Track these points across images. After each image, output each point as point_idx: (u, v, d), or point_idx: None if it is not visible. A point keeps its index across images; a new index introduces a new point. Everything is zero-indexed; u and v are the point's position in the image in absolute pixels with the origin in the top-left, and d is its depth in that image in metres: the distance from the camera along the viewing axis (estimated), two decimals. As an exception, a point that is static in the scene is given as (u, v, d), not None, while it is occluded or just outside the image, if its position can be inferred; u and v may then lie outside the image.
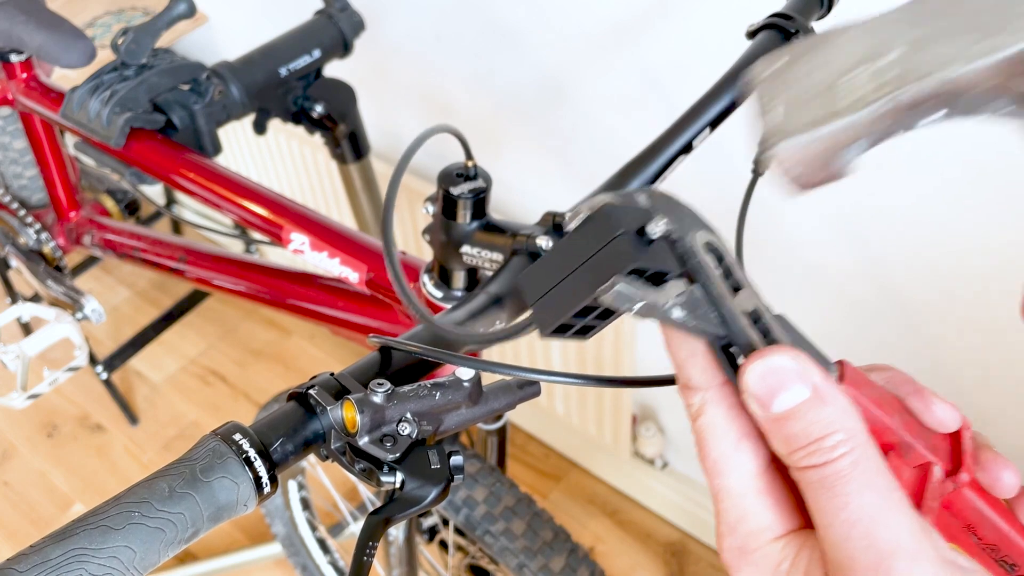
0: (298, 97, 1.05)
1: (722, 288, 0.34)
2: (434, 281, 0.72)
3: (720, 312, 0.33)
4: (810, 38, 0.40)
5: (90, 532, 0.35)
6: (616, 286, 0.32)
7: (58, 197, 1.16)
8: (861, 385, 0.35)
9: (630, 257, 0.32)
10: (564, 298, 0.34)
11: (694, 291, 0.34)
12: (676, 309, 0.33)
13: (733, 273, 0.35)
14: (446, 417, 0.43)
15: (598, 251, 0.33)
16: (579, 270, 0.34)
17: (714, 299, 0.33)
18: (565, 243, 0.34)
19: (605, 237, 0.33)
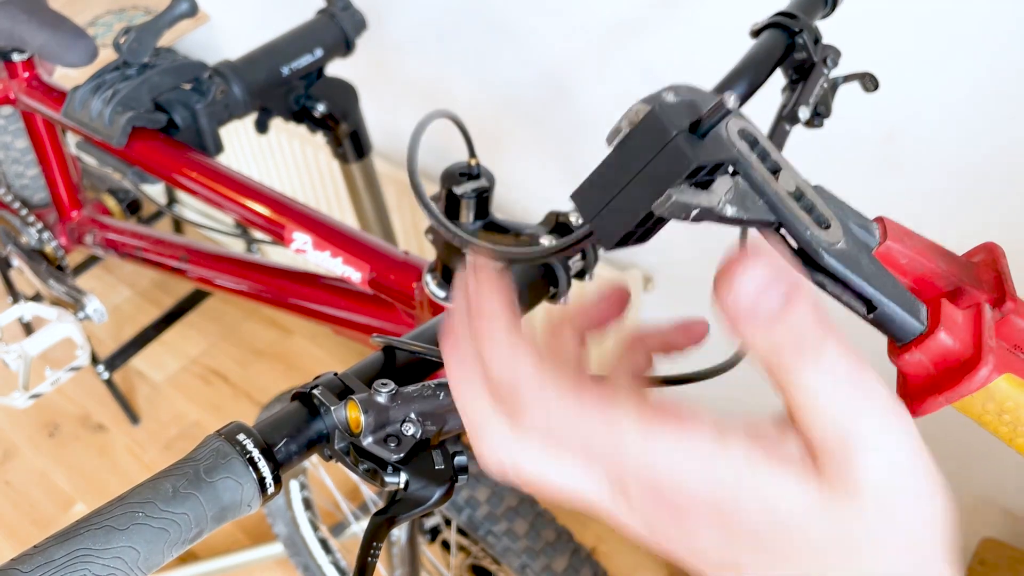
0: (300, 96, 1.05)
1: (765, 173, 0.34)
2: (437, 281, 0.72)
3: (766, 198, 0.33)
4: None
5: (94, 532, 0.35)
6: (672, 197, 0.32)
7: (60, 196, 1.16)
8: (904, 238, 0.36)
9: (687, 160, 0.31)
10: (623, 211, 0.34)
11: (739, 182, 0.33)
12: (728, 206, 0.33)
13: (770, 155, 0.35)
14: (450, 417, 0.43)
15: (652, 158, 0.32)
16: (635, 180, 0.33)
17: (758, 187, 0.33)
18: (616, 154, 0.34)
19: (658, 143, 0.32)
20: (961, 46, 0.82)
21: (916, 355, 0.35)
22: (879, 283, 0.34)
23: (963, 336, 0.34)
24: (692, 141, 0.32)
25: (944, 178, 0.91)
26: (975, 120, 0.86)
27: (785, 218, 0.33)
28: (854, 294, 0.34)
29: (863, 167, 0.96)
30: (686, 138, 0.32)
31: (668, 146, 0.32)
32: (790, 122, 0.68)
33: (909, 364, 0.35)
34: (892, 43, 0.86)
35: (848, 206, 0.37)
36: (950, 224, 0.94)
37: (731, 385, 1.34)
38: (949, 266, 0.37)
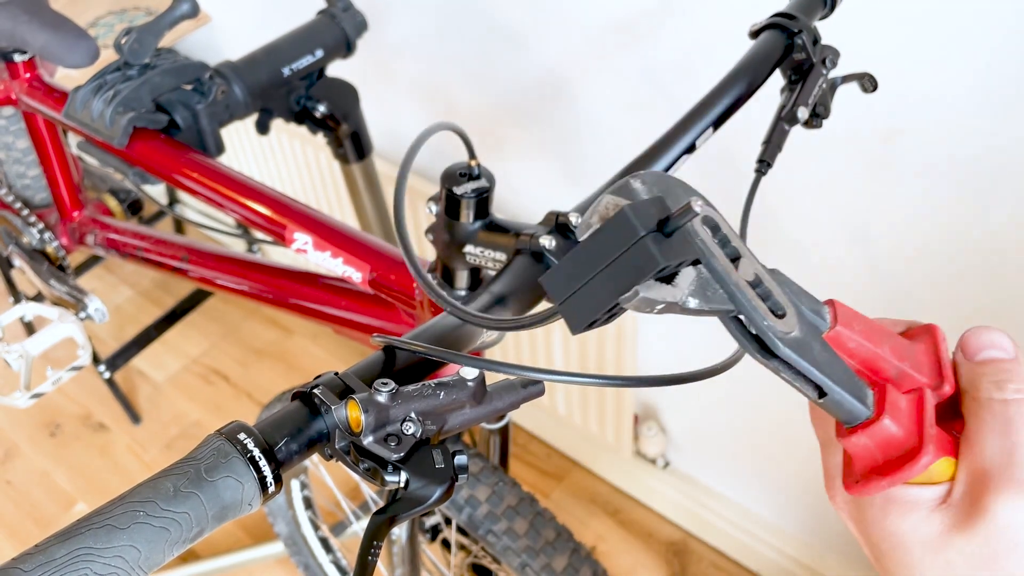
0: (301, 97, 1.05)
1: (726, 264, 0.35)
2: (437, 281, 0.72)
3: (727, 289, 0.35)
4: None
5: (95, 531, 0.36)
6: (639, 294, 0.33)
7: (61, 197, 1.16)
8: (852, 322, 0.38)
9: (654, 261, 0.33)
10: (590, 301, 0.35)
11: (701, 272, 0.35)
12: (690, 299, 0.35)
13: (730, 241, 0.36)
14: (450, 417, 0.43)
15: (621, 255, 0.34)
16: (603, 273, 0.35)
17: (720, 279, 0.35)
18: (586, 246, 0.35)
19: (626, 240, 0.34)
20: (959, 46, 0.83)
21: (862, 439, 0.37)
22: (829, 370, 0.36)
23: (906, 423, 0.37)
24: (659, 241, 0.34)
25: (943, 178, 0.91)
26: (974, 120, 0.86)
27: (744, 308, 0.35)
28: (806, 380, 0.37)
29: (861, 167, 0.97)
30: (654, 239, 0.34)
31: (636, 245, 0.34)
32: (789, 122, 0.68)
33: (855, 446, 0.38)
34: (891, 44, 0.86)
35: (802, 290, 0.38)
36: (950, 224, 0.94)
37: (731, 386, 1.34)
38: (894, 350, 0.39)
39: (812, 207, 1.05)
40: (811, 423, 0.44)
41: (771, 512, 1.47)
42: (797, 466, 1.36)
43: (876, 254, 1.03)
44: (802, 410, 1.38)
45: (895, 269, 1.03)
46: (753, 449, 1.41)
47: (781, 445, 1.35)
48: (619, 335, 1.31)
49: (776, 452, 1.37)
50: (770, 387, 1.27)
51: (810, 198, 1.04)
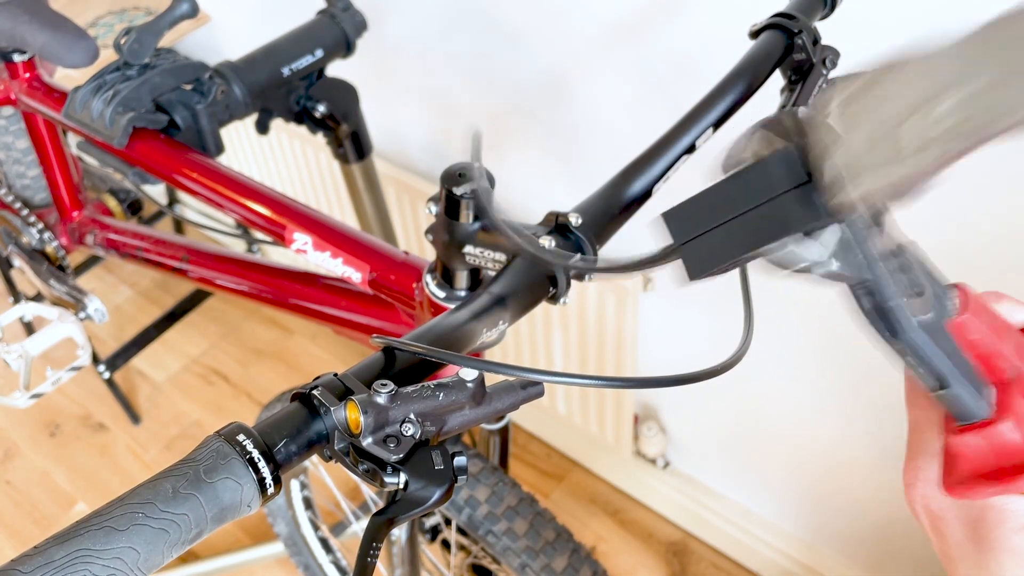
0: (300, 97, 1.05)
1: (867, 228, 0.32)
2: (437, 281, 0.72)
3: (868, 258, 0.31)
4: (886, 61, 0.37)
5: (94, 533, 0.36)
6: (788, 247, 0.30)
7: (61, 197, 1.16)
8: (981, 313, 0.35)
9: (815, 215, 0.29)
10: (718, 246, 0.31)
11: (844, 232, 0.31)
12: (833, 261, 0.31)
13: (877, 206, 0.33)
14: (450, 418, 0.43)
15: (772, 200, 0.30)
16: (740, 219, 0.31)
17: (863, 244, 0.31)
18: (729, 184, 0.31)
19: (783, 185, 0.30)
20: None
21: (976, 439, 0.35)
22: (956, 362, 0.33)
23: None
24: (810, 197, 0.29)
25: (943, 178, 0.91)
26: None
27: (880, 278, 0.31)
28: (929, 368, 0.34)
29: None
30: (806, 193, 0.29)
31: (796, 192, 0.29)
32: (789, 123, 0.68)
33: (966, 446, 0.35)
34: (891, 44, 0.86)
35: (933, 269, 0.35)
36: (949, 224, 0.94)
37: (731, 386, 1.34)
38: (1018, 348, 0.36)
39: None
40: (904, 401, 0.40)
41: (771, 512, 1.47)
42: (797, 466, 1.35)
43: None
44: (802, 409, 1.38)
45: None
46: (753, 449, 1.41)
47: (781, 445, 1.35)
48: (619, 335, 1.31)
49: (776, 452, 1.37)
50: (770, 387, 1.27)
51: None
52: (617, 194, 0.65)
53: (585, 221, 0.63)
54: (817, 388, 1.22)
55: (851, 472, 1.28)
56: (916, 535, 1.28)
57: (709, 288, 1.24)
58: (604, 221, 0.64)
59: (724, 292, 1.22)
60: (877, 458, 1.22)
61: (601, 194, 0.66)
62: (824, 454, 1.29)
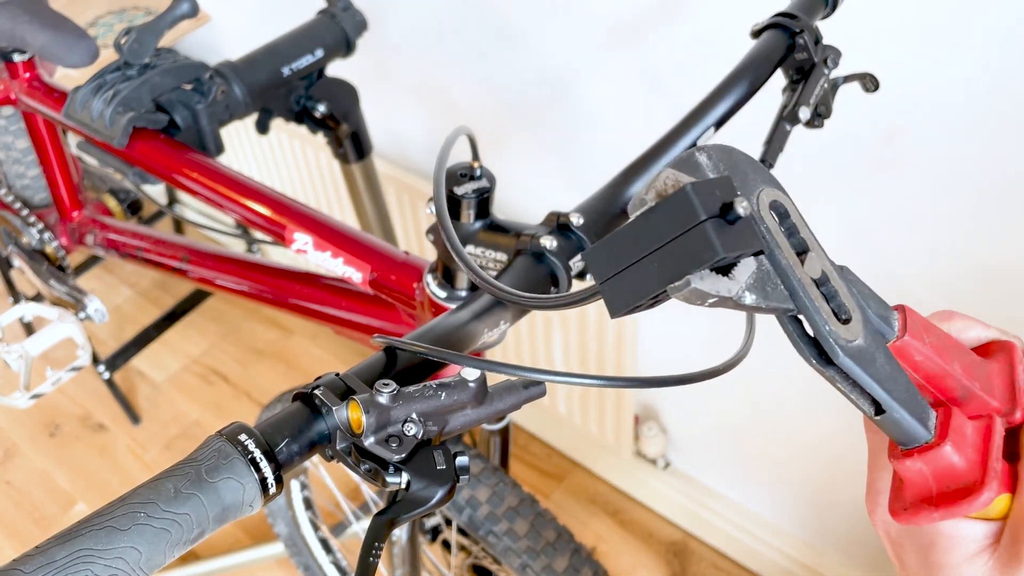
0: (300, 97, 1.05)
1: (792, 258, 0.32)
2: (438, 281, 0.72)
3: (789, 286, 0.31)
4: None
5: (96, 533, 0.35)
6: (691, 284, 0.30)
7: (61, 197, 1.16)
8: (923, 333, 0.35)
9: (712, 251, 0.29)
10: (635, 284, 0.32)
11: (763, 264, 0.31)
12: (747, 294, 0.31)
13: (798, 231, 0.33)
14: (451, 417, 0.43)
15: (676, 237, 0.30)
16: (653, 255, 0.31)
17: (782, 272, 0.32)
18: (637, 224, 0.31)
19: (684, 223, 0.30)
20: (961, 46, 0.83)
21: (918, 463, 0.34)
22: (891, 385, 0.33)
23: (970, 453, 0.34)
24: (721, 228, 0.30)
25: (943, 178, 0.91)
26: (975, 119, 0.86)
27: (806, 309, 0.31)
28: (863, 393, 0.33)
29: (863, 167, 0.96)
30: (715, 225, 0.30)
31: (694, 230, 0.30)
32: (790, 122, 0.68)
33: (909, 470, 0.35)
34: (893, 44, 0.86)
35: (871, 292, 0.35)
36: (948, 223, 0.94)
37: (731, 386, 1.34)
38: (965, 368, 0.35)
39: (812, 207, 1.05)
40: (864, 429, 0.40)
41: (771, 512, 1.47)
42: (797, 466, 1.35)
43: (876, 255, 1.03)
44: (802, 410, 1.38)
45: (896, 271, 1.02)
46: (753, 449, 1.41)
47: (781, 445, 1.35)
48: (619, 335, 1.31)
49: (776, 452, 1.37)
50: (770, 387, 1.27)
51: (810, 198, 1.04)
52: (618, 194, 0.65)
53: (586, 221, 0.63)
54: (817, 388, 1.22)
55: (851, 472, 1.28)
56: (916, 535, 1.27)
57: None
58: (605, 221, 0.64)
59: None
60: (877, 458, 1.22)
61: (602, 194, 0.66)
62: (824, 454, 1.29)
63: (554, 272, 0.61)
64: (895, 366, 0.34)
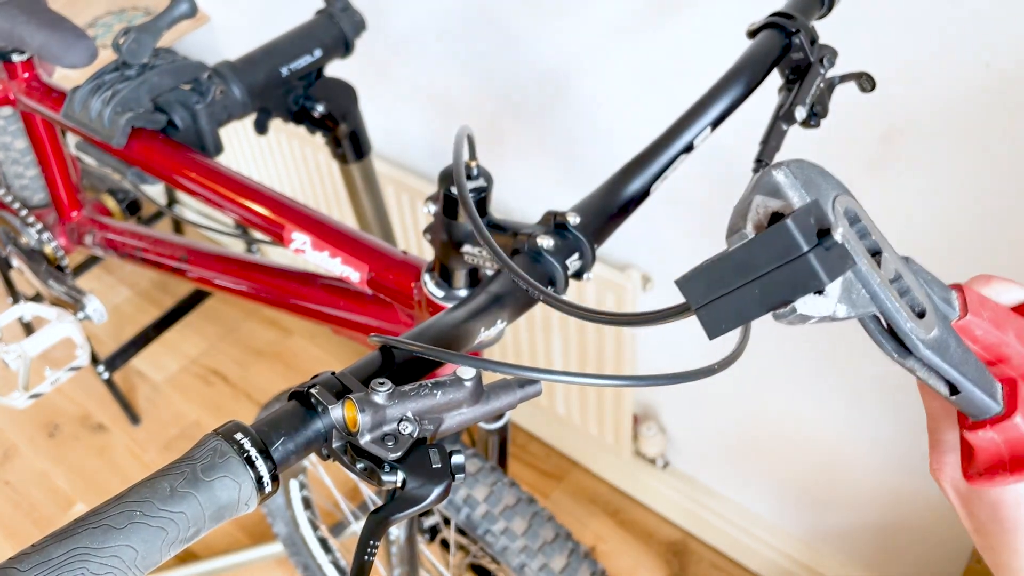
0: (299, 97, 1.05)
1: (872, 266, 0.34)
2: (435, 280, 0.72)
3: (871, 292, 0.34)
4: None
5: (92, 531, 0.36)
6: (796, 311, 0.32)
7: (60, 197, 1.16)
8: (981, 309, 0.37)
9: (818, 280, 0.31)
10: (735, 309, 0.34)
11: (848, 276, 0.33)
12: (839, 307, 0.33)
13: (870, 233, 0.35)
14: (447, 416, 0.43)
15: (778, 268, 0.32)
16: (754, 283, 0.33)
17: (863, 279, 0.33)
18: (739, 253, 0.33)
19: (786, 255, 0.32)
20: (958, 45, 0.83)
21: (989, 433, 0.37)
22: (964, 368, 0.36)
23: None
24: (821, 256, 0.31)
25: (941, 178, 0.91)
26: (973, 119, 0.86)
27: (888, 312, 0.34)
28: (939, 377, 0.36)
29: (859, 167, 0.97)
30: (817, 255, 0.31)
31: (798, 261, 0.31)
32: (787, 122, 0.68)
33: (981, 440, 0.38)
34: (889, 43, 0.86)
35: (931, 276, 0.37)
36: (947, 223, 0.94)
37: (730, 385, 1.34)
38: (1017, 333, 0.38)
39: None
40: (920, 396, 0.43)
41: (771, 512, 1.47)
42: (797, 466, 1.36)
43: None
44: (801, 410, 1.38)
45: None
46: (753, 449, 1.41)
47: (781, 445, 1.35)
48: (618, 335, 1.31)
49: (776, 452, 1.37)
50: (770, 387, 1.27)
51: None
52: (615, 193, 0.66)
53: (583, 220, 0.63)
54: (816, 388, 1.22)
55: (851, 472, 1.28)
56: (916, 535, 1.28)
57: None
58: (602, 220, 0.64)
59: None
60: (877, 458, 1.22)
61: (599, 193, 0.66)
62: (824, 454, 1.30)
63: (551, 272, 0.61)
64: (964, 348, 0.36)
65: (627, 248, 1.28)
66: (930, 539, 1.26)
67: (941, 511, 1.21)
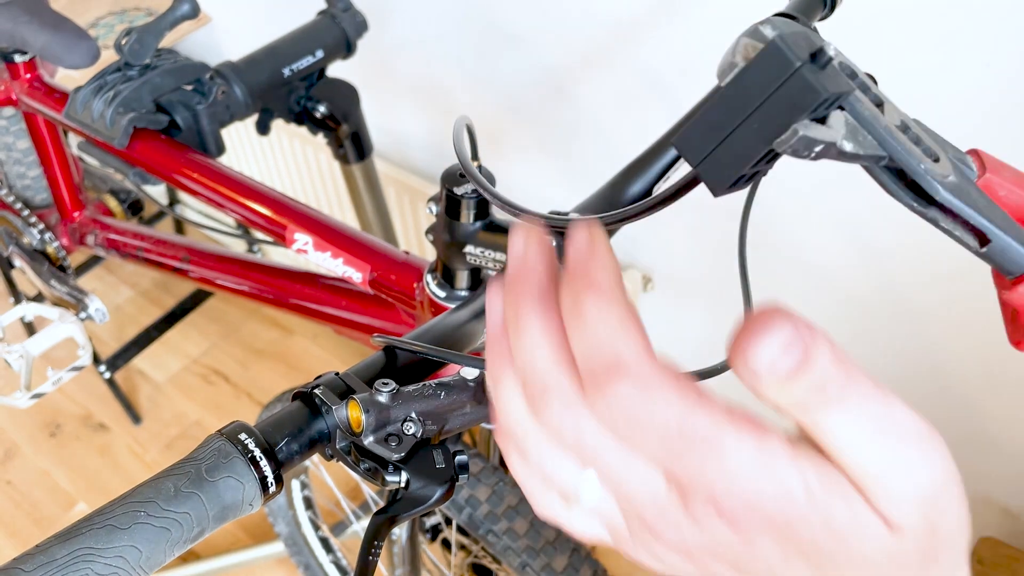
0: (301, 97, 1.05)
1: (872, 108, 0.32)
2: (437, 281, 0.72)
3: (876, 133, 0.32)
4: None
5: (96, 532, 0.36)
6: (799, 132, 0.30)
7: (62, 197, 1.16)
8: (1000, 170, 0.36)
9: (815, 92, 0.29)
10: (737, 152, 0.31)
11: (848, 119, 0.32)
12: (846, 142, 0.31)
13: (870, 88, 0.33)
14: (451, 417, 0.43)
15: (773, 92, 0.30)
16: (751, 117, 0.31)
17: (868, 122, 0.32)
18: (729, 90, 0.31)
19: (779, 76, 0.30)
20: (959, 46, 0.83)
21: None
22: (992, 214, 0.33)
23: None
24: (815, 72, 0.30)
25: (943, 178, 0.91)
26: (975, 119, 0.86)
27: (896, 152, 0.32)
28: (967, 227, 0.33)
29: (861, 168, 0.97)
30: (810, 69, 0.30)
31: (793, 78, 0.30)
32: (789, 123, 0.68)
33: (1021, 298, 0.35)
34: (891, 44, 0.87)
35: (943, 139, 0.35)
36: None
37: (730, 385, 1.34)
38: None
39: (810, 208, 1.05)
40: None
41: (771, 512, 1.47)
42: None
43: (875, 256, 1.03)
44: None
45: (894, 271, 1.03)
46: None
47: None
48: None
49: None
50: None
51: (809, 199, 1.04)
52: (617, 194, 0.66)
53: (585, 221, 0.63)
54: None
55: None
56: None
57: (709, 288, 1.24)
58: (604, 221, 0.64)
59: (724, 292, 1.22)
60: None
61: (601, 194, 0.66)
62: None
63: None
64: (988, 200, 0.34)
65: (627, 248, 1.28)
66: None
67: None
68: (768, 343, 0.26)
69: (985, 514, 1.16)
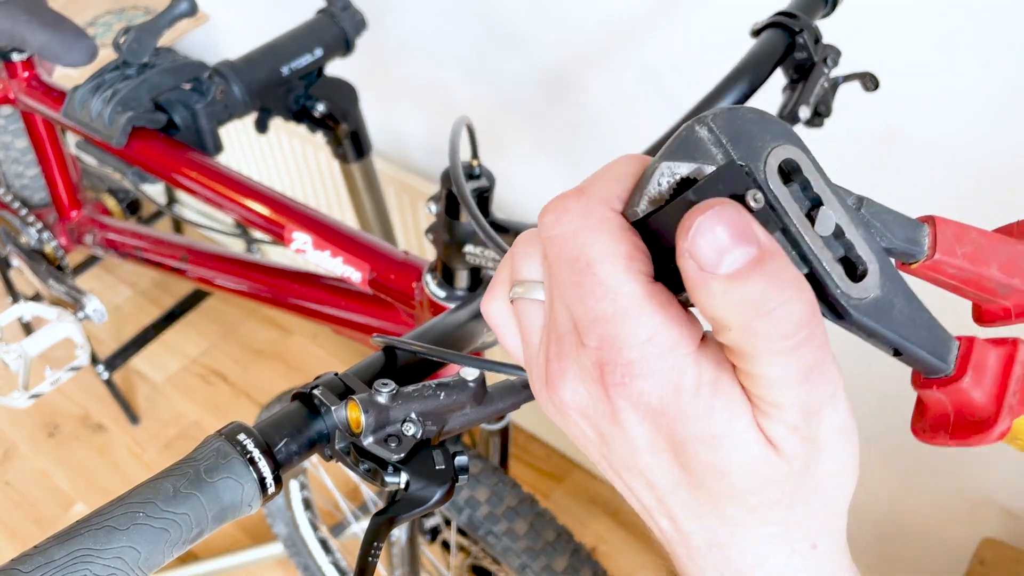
0: (300, 96, 1.05)
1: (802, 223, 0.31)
2: (437, 281, 0.72)
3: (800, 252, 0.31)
4: None
5: (94, 532, 0.35)
6: None
7: (60, 196, 1.16)
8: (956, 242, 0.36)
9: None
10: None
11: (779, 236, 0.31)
12: None
13: (811, 185, 0.32)
14: (451, 417, 0.43)
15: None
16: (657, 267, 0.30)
17: (793, 240, 0.31)
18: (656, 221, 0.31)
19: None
20: (961, 45, 0.82)
21: (937, 393, 0.35)
22: (910, 329, 0.33)
23: (988, 386, 0.34)
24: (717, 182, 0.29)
25: (944, 178, 0.91)
26: (975, 119, 0.86)
27: (817, 273, 0.31)
28: (881, 341, 0.34)
29: (862, 167, 0.96)
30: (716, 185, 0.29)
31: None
32: (790, 122, 0.68)
33: (929, 398, 0.36)
34: (893, 42, 0.86)
35: (895, 216, 0.35)
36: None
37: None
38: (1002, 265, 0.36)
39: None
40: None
41: (771, 512, 1.47)
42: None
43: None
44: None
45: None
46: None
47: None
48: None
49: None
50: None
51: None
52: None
53: (586, 220, 0.63)
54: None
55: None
56: (916, 536, 1.27)
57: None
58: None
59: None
60: (876, 457, 1.22)
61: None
62: (824, 454, 1.29)
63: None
64: (915, 306, 0.34)
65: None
66: (930, 541, 1.26)
67: (941, 513, 1.21)
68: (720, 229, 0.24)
69: (986, 515, 1.15)
